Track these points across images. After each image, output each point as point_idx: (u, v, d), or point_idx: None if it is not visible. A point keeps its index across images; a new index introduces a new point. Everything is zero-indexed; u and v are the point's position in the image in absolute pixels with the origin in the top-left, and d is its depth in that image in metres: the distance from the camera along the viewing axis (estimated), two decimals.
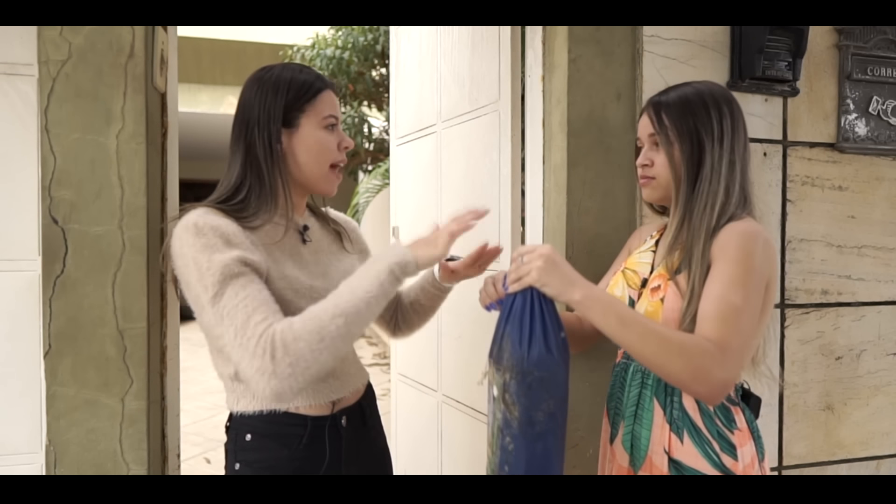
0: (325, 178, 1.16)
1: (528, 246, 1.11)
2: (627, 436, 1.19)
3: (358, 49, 5.89)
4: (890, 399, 1.86)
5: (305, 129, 1.13)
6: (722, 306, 1.04)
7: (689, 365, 1.01)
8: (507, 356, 1.05)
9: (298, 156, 1.13)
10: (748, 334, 1.05)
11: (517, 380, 1.03)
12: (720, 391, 1.03)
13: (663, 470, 1.14)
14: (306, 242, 1.18)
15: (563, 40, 1.59)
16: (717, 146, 1.14)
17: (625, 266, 1.30)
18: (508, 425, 1.05)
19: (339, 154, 1.17)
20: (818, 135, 1.79)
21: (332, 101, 1.17)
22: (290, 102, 1.12)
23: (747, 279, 1.06)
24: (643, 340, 1.03)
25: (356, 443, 1.18)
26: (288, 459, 1.10)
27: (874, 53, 1.81)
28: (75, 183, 1.30)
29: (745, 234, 1.09)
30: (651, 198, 1.25)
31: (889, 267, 1.85)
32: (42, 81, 1.29)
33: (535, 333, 1.04)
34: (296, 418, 1.10)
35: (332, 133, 1.16)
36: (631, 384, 1.21)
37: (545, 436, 1.05)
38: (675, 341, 1.03)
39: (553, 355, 1.04)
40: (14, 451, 1.31)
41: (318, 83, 1.15)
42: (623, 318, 1.05)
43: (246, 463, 1.10)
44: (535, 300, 1.06)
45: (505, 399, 1.05)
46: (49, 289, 1.30)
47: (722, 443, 1.12)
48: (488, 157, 1.89)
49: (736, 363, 1.03)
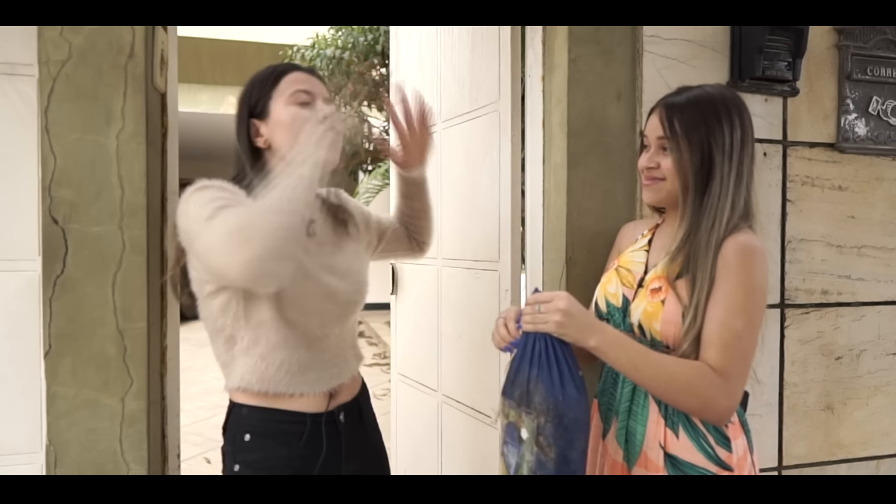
0: None
1: (545, 294, 1.11)
2: (621, 431, 1.20)
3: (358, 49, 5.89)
4: (890, 399, 1.86)
5: (275, 112, 1.15)
6: (724, 333, 1.08)
7: (698, 399, 1.09)
8: (541, 399, 1.06)
9: (278, 138, 1.15)
10: (749, 357, 1.11)
11: (554, 423, 1.05)
12: (726, 415, 1.11)
13: (659, 464, 1.15)
14: (310, 236, 1.18)
15: (563, 40, 1.59)
16: (726, 160, 1.14)
17: (618, 264, 1.30)
18: (543, 467, 1.07)
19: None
20: (818, 135, 1.79)
21: (298, 79, 1.17)
22: (257, 94, 1.16)
23: (749, 301, 1.10)
24: (654, 380, 1.10)
25: (354, 439, 1.19)
26: (288, 458, 1.10)
27: (874, 53, 1.81)
28: (75, 183, 1.30)
29: (745, 252, 1.10)
30: (653, 200, 1.24)
31: (889, 267, 1.85)
32: (42, 81, 1.29)
33: (564, 375, 1.07)
34: (294, 416, 1.10)
35: (308, 108, 1.15)
36: (624, 381, 1.22)
37: (577, 473, 1.08)
38: (683, 379, 1.09)
39: (582, 395, 1.08)
40: (14, 451, 1.31)
41: (282, 67, 1.18)
42: (635, 362, 1.10)
43: (245, 464, 1.10)
44: (555, 340, 1.09)
45: (539, 441, 1.07)
46: (49, 289, 1.29)
47: (717, 436, 1.14)
48: (488, 157, 1.89)
49: (739, 388, 1.10)
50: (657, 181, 1.20)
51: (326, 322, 1.15)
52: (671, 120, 1.17)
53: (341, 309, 1.17)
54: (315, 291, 1.12)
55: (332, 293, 1.15)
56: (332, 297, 1.15)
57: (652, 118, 1.23)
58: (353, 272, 1.21)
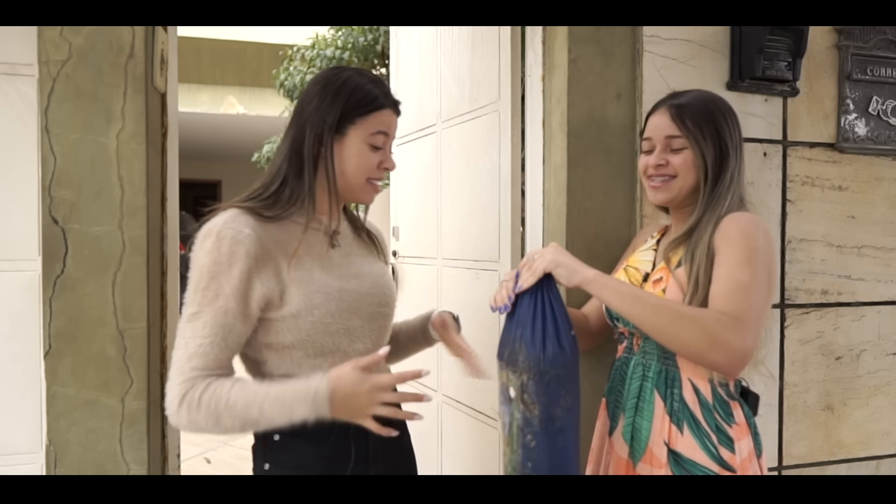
0: (359, 189, 1.17)
1: (537, 249, 1.19)
2: (628, 427, 1.21)
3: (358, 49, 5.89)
4: (890, 399, 1.86)
5: (351, 140, 1.13)
6: (731, 283, 1.07)
7: (705, 333, 1.04)
8: (523, 358, 1.09)
9: (338, 164, 1.14)
10: (759, 308, 1.08)
11: (535, 380, 1.08)
12: (739, 359, 1.04)
13: (662, 461, 1.15)
14: (335, 247, 1.18)
15: (563, 40, 1.59)
16: (734, 152, 1.20)
17: (627, 264, 1.33)
18: (529, 424, 1.09)
19: (376, 172, 1.17)
20: (818, 135, 1.79)
21: (386, 121, 1.17)
22: (346, 110, 1.12)
23: (753, 258, 1.09)
24: (656, 312, 1.07)
25: (381, 440, 1.18)
26: (316, 458, 1.10)
27: (874, 53, 1.81)
28: (75, 183, 1.30)
29: (747, 221, 1.14)
30: (663, 199, 1.25)
31: (889, 267, 1.85)
32: (42, 81, 1.29)
33: (547, 333, 1.09)
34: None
35: (377, 152, 1.16)
36: (632, 377, 1.23)
37: (565, 430, 1.10)
38: (688, 312, 1.07)
39: (566, 352, 1.09)
40: (14, 451, 1.31)
41: (381, 100, 1.15)
42: (635, 293, 1.11)
43: (275, 463, 1.10)
44: (543, 300, 1.11)
45: (524, 399, 1.09)
46: (49, 289, 1.30)
47: (720, 436, 1.14)
48: (488, 157, 1.89)
49: (752, 333, 1.05)
50: (668, 180, 1.22)
51: (354, 338, 1.13)
52: (682, 118, 1.20)
53: (367, 323, 1.15)
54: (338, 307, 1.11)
55: (356, 306, 1.13)
56: (357, 311, 1.13)
57: (655, 119, 1.25)
58: (378, 283, 1.20)
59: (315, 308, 1.07)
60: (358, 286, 1.14)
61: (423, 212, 2.34)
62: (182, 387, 1.02)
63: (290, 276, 1.07)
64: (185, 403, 1.01)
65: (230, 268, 1.02)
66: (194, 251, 1.04)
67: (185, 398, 1.01)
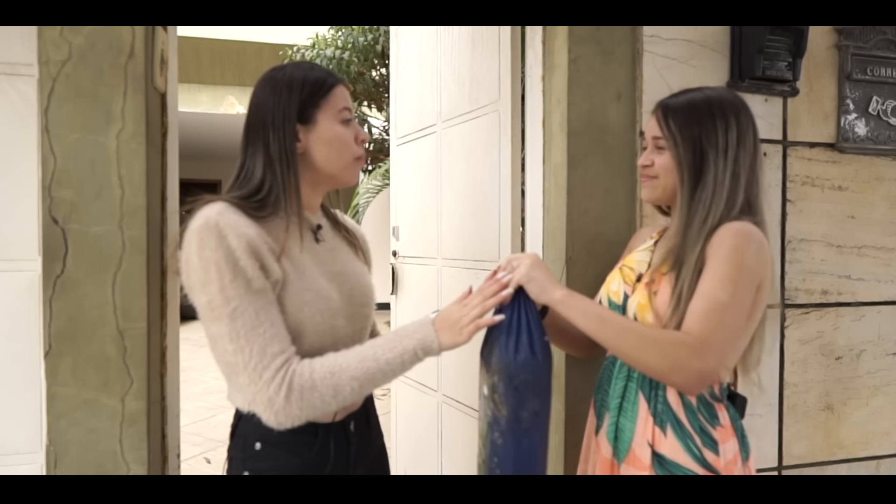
0: (348, 169, 1.17)
1: (517, 254, 1.21)
2: (612, 427, 1.21)
3: (358, 49, 5.89)
4: (890, 399, 1.86)
5: (322, 125, 1.13)
6: (708, 303, 1.07)
7: (666, 356, 1.05)
8: (496, 360, 1.12)
9: (318, 151, 1.14)
10: (732, 331, 1.07)
11: (505, 382, 1.11)
12: (697, 381, 1.05)
13: (646, 462, 1.15)
14: (319, 242, 1.18)
15: (563, 40, 1.59)
16: (720, 157, 1.16)
17: (623, 263, 1.32)
18: (497, 422, 1.12)
19: (358, 147, 1.18)
20: (818, 135, 1.79)
21: (345, 95, 1.18)
22: (305, 99, 1.12)
23: (737, 277, 1.08)
24: (621, 336, 1.09)
25: (361, 446, 1.18)
26: (298, 467, 1.09)
27: (874, 53, 1.81)
28: (75, 183, 1.30)
29: (739, 234, 1.10)
30: (649, 198, 1.27)
31: (889, 267, 1.85)
32: (42, 81, 1.29)
33: (521, 340, 1.11)
34: (309, 427, 1.08)
35: (349, 127, 1.17)
36: (617, 377, 1.23)
37: (530, 432, 1.12)
38: (651, 335, 1.08)
39: (538, 359, 1.11)
40: (14, 451, 1.31)
41: (331, 79, 1.16)
42: (602, 317, 1.12)
43: (255, 472, 1.09)
44: (519, 307, 1.14)
45: (494, 398, 1.12)
46: (49, 289, 1.29)
47: (704, 438, 1.14)
48: (488, 157, 1.89)
49: (714, 356, 1.05)
50: (652, 179, 1.24)
51: (337, 338, 1.12)
52: (667, 119, 1.20)
53: (349, 323, 1.15)
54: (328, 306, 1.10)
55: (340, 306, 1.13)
56: (340, 311, 1.13)
57: (651, 119, 1.26)
58: (360, 284, 1.20)
59: (306, 306, 1.06)
60: (341, 285, 1.14)
61: (423, 212, 2.34)
62: (278, 378, 0.99)
63: (285, 267, 1.06)
64: (296, 391, 0.99)
65: (244, 254, 0.99)
66: (193, 246, 1.01)
67: (293, 386, 0.99)
